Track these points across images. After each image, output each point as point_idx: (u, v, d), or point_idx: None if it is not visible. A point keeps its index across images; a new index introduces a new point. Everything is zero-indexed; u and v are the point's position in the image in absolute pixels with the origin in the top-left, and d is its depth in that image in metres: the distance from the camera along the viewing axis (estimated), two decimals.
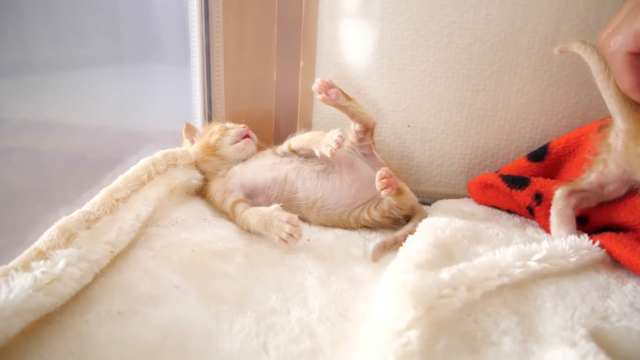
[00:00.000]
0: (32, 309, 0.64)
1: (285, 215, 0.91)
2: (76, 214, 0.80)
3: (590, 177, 0.92)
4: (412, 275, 0.71)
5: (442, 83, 1.19)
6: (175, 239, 0.95)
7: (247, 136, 1.15)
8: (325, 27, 1.21)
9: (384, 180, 0.92)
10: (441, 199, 1.27)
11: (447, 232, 0.89)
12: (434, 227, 0.91)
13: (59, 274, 0.69)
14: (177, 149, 1.12)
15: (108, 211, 0.85)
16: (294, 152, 1.10)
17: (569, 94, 1.15)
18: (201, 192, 1.15)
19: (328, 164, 1.07)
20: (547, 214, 0.97)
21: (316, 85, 1.00)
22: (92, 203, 0.84)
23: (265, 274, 0.85)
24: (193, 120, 1.32)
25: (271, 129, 1.32)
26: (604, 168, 0.90)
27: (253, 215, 0.95)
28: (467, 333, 0.65)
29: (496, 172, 1.16)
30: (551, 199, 0.98)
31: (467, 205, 1.11)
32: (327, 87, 1.00)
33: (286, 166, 1.07)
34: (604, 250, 0.84)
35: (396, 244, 0.97)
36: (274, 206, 0.94)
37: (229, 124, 1.20)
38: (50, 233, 0.74)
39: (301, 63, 1.24)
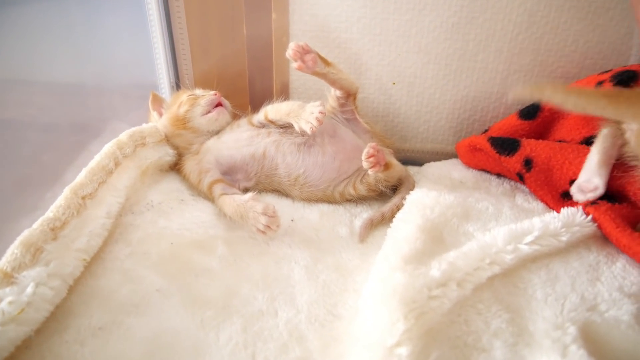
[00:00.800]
0: (3, 345, 0.60)
1: (260, 206, 0.85)
2: (39, 223, 0.73)
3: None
4: (401, 275, 0.68)
5: (429, 33, 1.08)
6: (152, 229, 0.90)
7: (219, 104, 1.05)
8: None
9: (372, 158, 0.86)
10: (429, 155, 1.23)
11: (437, 210, 0.86)
12: (423, 205, 0.87)
13: (29, 300, 0.65)
14: (144, 125, 1.02)
15: (75, 213, 0.79)
16: (271, 122, 1.02)
17: (565, 41, 1.06)
18: (176, 167, 1.08)
19: (309, 136, 1.00)
20: (537, 180, 0.94)
21: (290, 51, 0.90)
22: (56, 207, 0.77)
23: (250, 267, 0.82)
24: (158, 86, 1.20)
25: (245, 91, 1.22)
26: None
27: (228, 204, 0.90)
28: (458, 339, 0.64)
29: (485, 131, 1.10)
30: (542, 163, 0.94)
31: (456, 169, 1.06)
32: (303, 52, 0.90)
33: (264, 140, 1.00)
34: (596, 224, 0.82)
35: (383, 220, 0.94)
36: (249, 195, 0.88)
37: (198, 91, 1.09)
38: (13, 251, 0.69)
39: (273, 15, 1.11)
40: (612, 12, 1.01)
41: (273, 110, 1.01)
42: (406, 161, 1.21)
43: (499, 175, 1.04)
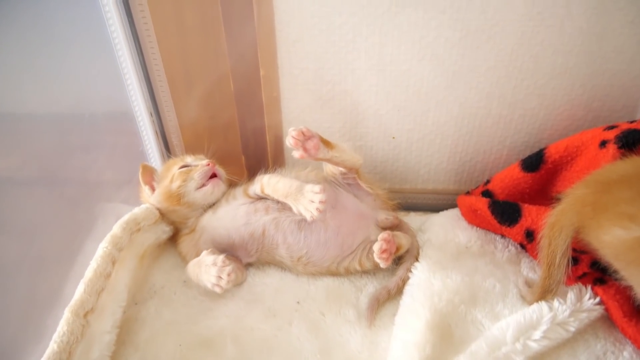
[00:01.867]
0: None
1: (210, 258, 0.87)
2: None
3: None
4: None
5: (429, 82, 1.02)
6: (158, 325, 0.90)
7: (213, 175, 1.01)
8: (285, 26, 0.97)
9: (385, 254, 0.85)
10: (430, 194, 1.20)
11: (444, 297, 0.85)
12: (431, 292, 0.86)
13: None
14: (137, 210, 0.98)
15: (79, 337, 0.77)
16: (268, 196, 0.98)
17: (573, 85, 1.00)
18: (173, 238, 1.05)
19: None
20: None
21: (290, 140, 0.84)
22: (60, 336, 0.75)
23: None
24: (146, 153, 1.13)
25: (238, 146, 1.15)
26: None
27: (190, 267, 0.93)
28: None
29: (487, 182, 1.06)
30: None
31: (460, 227, 1.04)
32: (305, 139, 0.85)
33: (263, 218, 0.96)
34: (603, 307, 0.82)
35: (389, 297, 0.94)
36: (204, 251, 0.90)
37: (189, 159, 1.04)
38: None
39: (261, 71, 1.03)
40: (622, 56, 0.95)
41: (269, 187, 0.96)
42: (407, 204, 1.20)
43: (503, 235, 1.02)
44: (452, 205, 1.14)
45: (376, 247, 0.86)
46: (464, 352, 0.78)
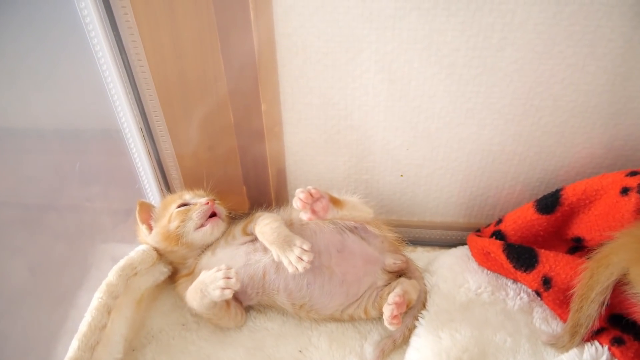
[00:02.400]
0: None
1: (213, 270, 0.85)
2: None
3: None
4: None
5: (440, 119, 0.96)
6: None
7: (213, 214, 0.97)
8: (287, 63, 0.91)
9: (395, 320, 0.81)
10: (438, 230, 1.15)
11: (452, 356, 0.81)
12: (438, 349, 0.82)
13: None
14: (133, 254, 0.94)
15: None
16: None
17: (594, 124, 0.94)
18: (171, 277, 1.02)
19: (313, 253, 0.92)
20: (556, 300, 0.88)
21: (297, 203, 0.80)
22: None
23: None
24: (143, 190, 1.09)
25: (238, 174, 1.11)
26: None
27: (189, 292, 0.89)
28: None
29: (499, 221, 1.02)
30: (561, 283, 0.87)
31: (470, 271, 0.99)
32: (313, 200, 0.80)
33: (262, 259, 0.92)
34: None
35: (395, 347, 0.90)
36: (202, 272, 0.87)
37: (187, 196, 0.99)
38: None
39: (263, 106, 0.98)
40: None
41: (258, 228, 0.92)
42: (415, 239, 1.16)
43: (515, 280, 0.98)
44: (461, 241, 1.10)
45: (387, 313, 0.83)
46: None
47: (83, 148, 0.96)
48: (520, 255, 0.91)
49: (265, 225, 0.91)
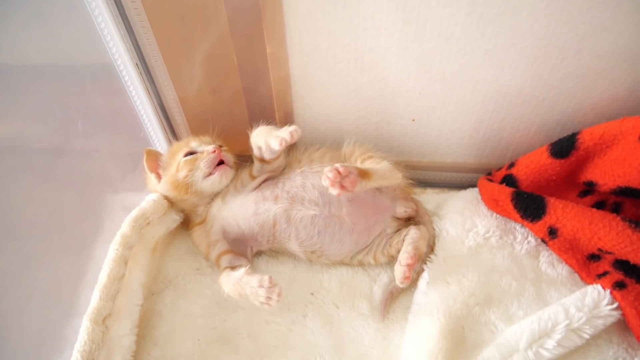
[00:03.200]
0: None
1: (255, 280, 0.82)
2: None
3: None
4: None
5: (456, 61, 0.91)
6: (176, 319, 0.92)
7: (220, 162, 0.95)
8: (293, 2, 0.84)
9: (407, 280, 0.84)
10: (449, 169, 1.14)
11: (459, 300, 0.85)
12: (446, 293, 0.86)
13: None
14: (145, 204, 0.94)
15: (100, 344, 0.79)
16: (263, 161, 0.94)
17: (620, 65, 0.88)
18: (184, 223, 1.03)
19: (323, 203, 0.92)
20: (562, 247, 0.90)
21: (326, 181, 0.78)
22: (81, 345, 0.77)
23: None
24: (149, 137, 1.06)
25: (245, 118, 1.07)
26: None
27: (225, 283, 0.88)
28: None
29: (511, 165, 1.00)
30: (567, 233, 0.88)
31: (479, 214, 0.99)
32: (341, 177, 0.78)
33: (272, 209, 0.92)
34: (620, 313, 0.81)
35: (403, 290, 0.94)
36: (242, 271, 0.85)
37: (194, 144, 0.97)
38: None
39: (268, 49, 0.92)
40: None
41: (253, 135, 0.93)
42: (425, 180, 1.15)
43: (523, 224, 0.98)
44: (471, 183, 1.09)
45: (399, 275, 0.84)
46: (475, 359, 0.79)
47: (81, 89, 0.92)
48: (528, 206, 0.91)
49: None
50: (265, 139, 0.87)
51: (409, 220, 0.99)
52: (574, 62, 0.89)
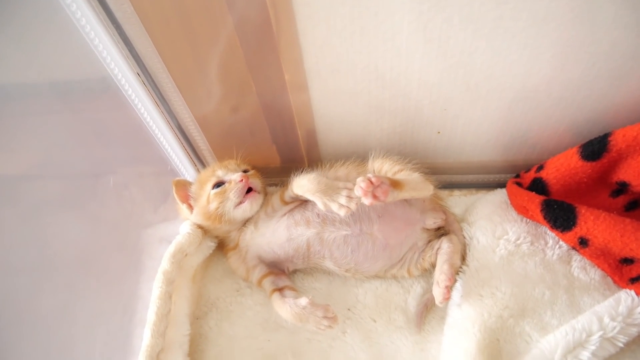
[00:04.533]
0: None
1: (320, 312, 0.87)
2: None
3: None
4: None
5: (481, 73, 0.87)
6: (222, 341, 0.97)
7: (250, 190, 0.96)
8: (308, 32, 0.81)
9: (447, 299, 0.86)
10: (475, 170, 1.13)
11: (494, 314, 0.87)
12: (480, 307, 0.88)
13: None
14: (181, 238, 0.97)
15: None
16: (298, 196, 0.94)
17: None
18: (218, 246, 1.06)
19: (354, 221, 0.93)
20: (593, 255, 0.90)
21: (359, 191, 0.79)
22: None
23: None
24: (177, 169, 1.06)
25: (266, 133, 1.07)
26: None
27: (284, 310, 0.91)
28: None
29: (540, 168, 0.98)
30: (598, 244, 0.87)
31: (509, 220, 0.99)
32: (374, 187, 0.79)
33: (305, 233, 0.94)
34: None
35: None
36: (305, 301, 0.88)
37: (220, 172, 0.98)
38: None
39: (286, 76, 0.90)
40: None
41: (297, 185, 0.92)
42: (451, 182, 1.15)
43: None
44: (499, 184, 1.09)
45: (439, 295, 0.86)
46: None
47: (95, 115, 0.91)
48: (558, 217, 0.90)
49: (302, 178, 0.90)
50: (324, 201, 0.85)
51: (439, 230, 1.00)
52: (606, 65, 0.85)
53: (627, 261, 0.90)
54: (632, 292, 0.85)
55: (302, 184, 0.89)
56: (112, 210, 0.94)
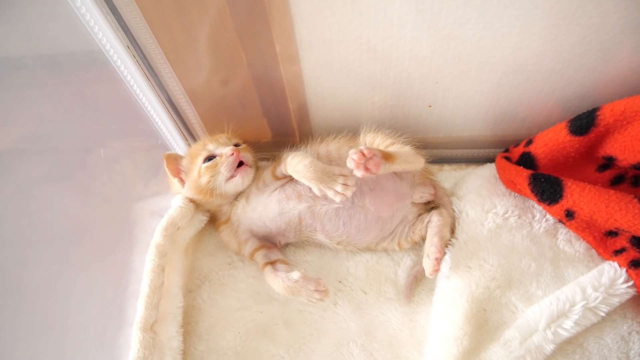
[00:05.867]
0: None
1: (312, 285, 0.89)
2: None
3: None
4: None
5: (472, 45, 0.87)
6: (215, 313, 0.99)
7: (241, 163, 0.96)
8: (300, 1, 0.80)
9: (437, 271, 0.88)
10: (466, 145, 1.14)
11: (481, 285, 0.89)
12: (468, 279, 0.90)
13: None
14: (172, 211, 0.97)
15: (152, 349, 0.87)
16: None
17: None
18: (210, 220, 1.07)
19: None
20: (579, 227, 0.92)
21: (351, 163, 0.80)
22: (136, 353, 0.84)
23: (315, 353, 0.93)
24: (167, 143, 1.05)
25: (257, 106, 1.07)
26: None
27: (277, 283, 0.92)
28: None
29: (529, 142, 0.99)
30: (584, 215, 0.89)
31: (497, 193, 1.00)
32: (366, 160, 0.79)
33: (297, 206, 0.95)
34: (635, 290, 0.85)
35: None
36: (297, 274, 0.90)
37: (211, 146, 0.98)
38: None
39: (277, 48, 0.89)
40: None
41: (291, 167, 0.91)
42: (441, 158, 1.15)
43: None
44: (488, 158, 1.10)
45: (429, 269, 0.88)
46: (497, 340, 0.85)
47: (82, 88, 0.90)
48: (545, 190, 0.91)
49: (297, 163, 0.90)
50: (320, 188, 0.86)
51: (429, 204, 1.02)
52: (597, 38, 0.85)
53: (612, 234, 0.92)
54: (615, 264, 0.87)
55: (298, 169, 0.89)
56: (103, 183, 0.94)
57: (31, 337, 0.74)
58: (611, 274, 0.86)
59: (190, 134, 1.11)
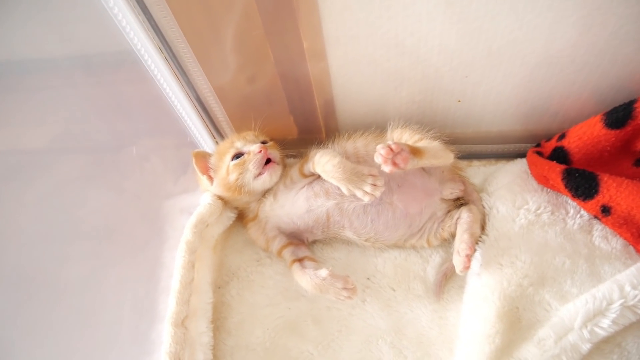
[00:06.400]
0: None
1: (340, 283, 0.88)
2: None
3: None
4: None
5: (503, 37, 0.85)
6: (244, 309, 0.99)
7: (268, 160, 0.97)
8: None
9: (468, 268, 0.87)
10: (495, 140, 1.11)
11: (513, 282, 0.87)
12: (499, 276, 0.88)
13: None
14: (202, 209, 0.98)
15: (183, 344, 0.88)
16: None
17: None
18: (238, 217, 1.08)
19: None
20: (616, 223, 0.88)
21: (379, 158, 0.79)
22: (168, 347, 0.85)
23: (344, 350, 0.93)
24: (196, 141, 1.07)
25: (283, 103, 1.07)
26: None
27: (305, 281, 0.92)
28: None
29: (561, 136, 0.97)
30: (621, 211, 0.86)
31: (529, 189, 0.98)
32: (394, 154, 0.79)
33: (325, 204, 0.95)
34: None
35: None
36: (325, 272, 0.89)
37: (238, 144, 0.99)
38: None
39: (305, 44, 0.89)
40: None
41: (319, 167, 0.91)
42: (470, 153, 1.14)
43: None
44: (519, 154, 1.07)
45: (459, 264, 0.86)
46: (531, 339, 0.83)
47: (116, 89, 0.92)
48: (579, 185, 0.89)
49: (326, 162, 0.89)
50: (349, 188, 0.85)
51: (458, 200, 1.00)
52: (634, 28, 0.82)
53: None
54: None
55: (327, 169, 0.89)
56: (134, 181, 0.96)
57: (68, 331, 0.76)
58: None
59: (218, 132, 1.12)
